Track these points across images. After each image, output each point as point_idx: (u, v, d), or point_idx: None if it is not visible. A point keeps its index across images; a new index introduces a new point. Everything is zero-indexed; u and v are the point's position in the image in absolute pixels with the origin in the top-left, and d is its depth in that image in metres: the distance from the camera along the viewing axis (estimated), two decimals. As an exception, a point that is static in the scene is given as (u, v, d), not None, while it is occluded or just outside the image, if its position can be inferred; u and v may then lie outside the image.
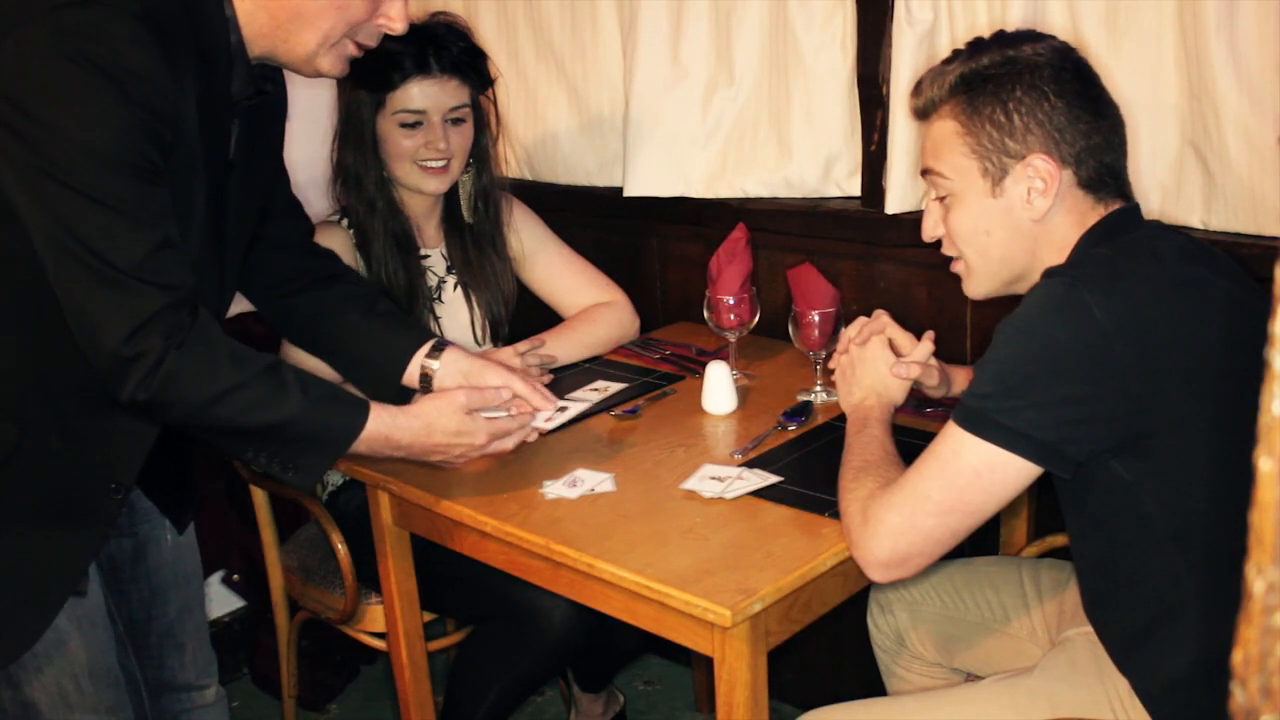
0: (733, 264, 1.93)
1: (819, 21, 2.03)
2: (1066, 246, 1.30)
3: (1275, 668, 0.43)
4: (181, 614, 1.68)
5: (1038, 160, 1.26)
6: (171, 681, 1.69)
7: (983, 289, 1.39)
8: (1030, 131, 1.26)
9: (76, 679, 1.46)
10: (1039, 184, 1.27)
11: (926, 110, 1.35)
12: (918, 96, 1.35)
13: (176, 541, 1.65)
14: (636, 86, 2.22)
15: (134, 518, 1.59)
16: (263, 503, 2.17)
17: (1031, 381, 1.19)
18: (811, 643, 1.86)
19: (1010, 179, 1.28)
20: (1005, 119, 1.27)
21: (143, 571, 1.62)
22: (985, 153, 1.29)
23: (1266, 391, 0.43)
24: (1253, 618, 0.43)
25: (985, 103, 1.28)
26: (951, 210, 1.34)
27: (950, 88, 1.31)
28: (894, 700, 1.54)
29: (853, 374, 1.59)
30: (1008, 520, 1.86)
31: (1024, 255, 1.32)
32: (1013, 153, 1.27)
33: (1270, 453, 0.43)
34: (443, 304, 2.06)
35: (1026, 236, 1.31)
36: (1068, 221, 1.29)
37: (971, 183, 1.31)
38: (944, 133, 1.32)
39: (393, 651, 1.90)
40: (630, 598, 1.41)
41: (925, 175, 1.37)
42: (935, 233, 1.39)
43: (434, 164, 1.94)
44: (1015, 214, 1.29)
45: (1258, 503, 0.43)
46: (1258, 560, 0.43)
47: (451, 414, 1.49)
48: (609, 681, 2.27)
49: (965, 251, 1.36)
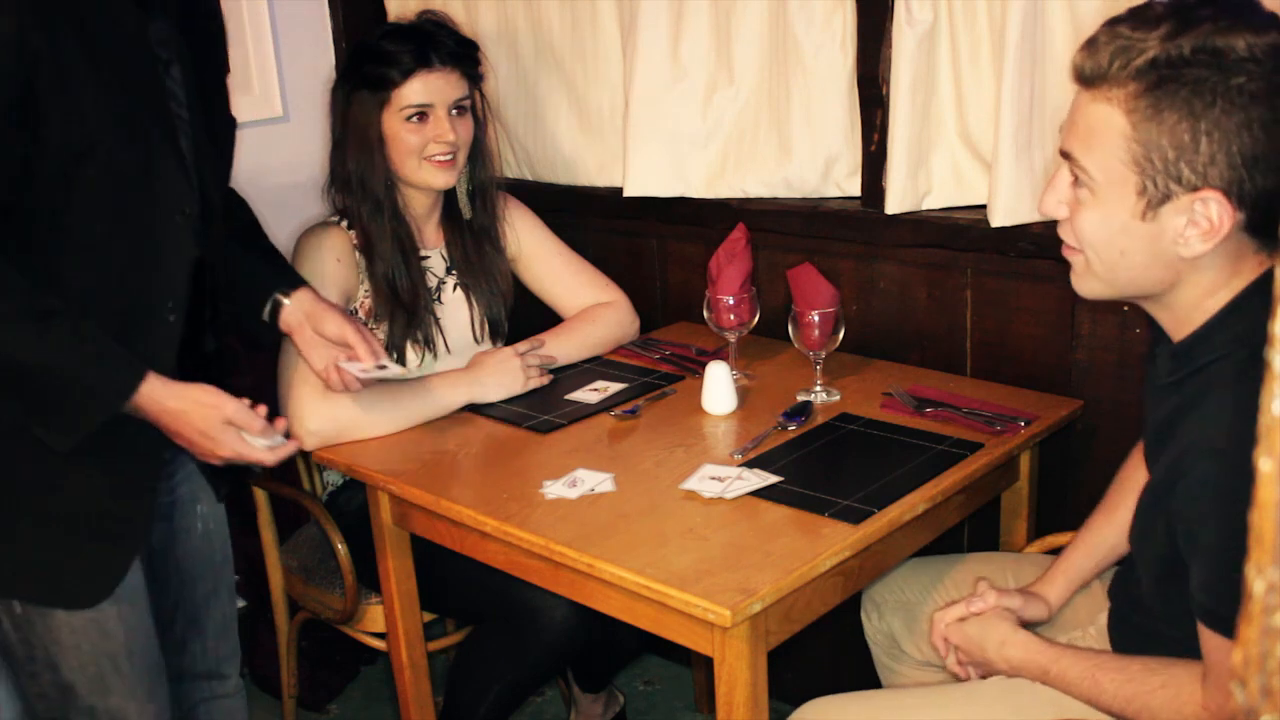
0: (733, 264, 1.93)
1: (819, 21, 2.03)
2: (1215, 289, 1.11)
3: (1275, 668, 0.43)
4: (206, 600, 1.70)
5: (1212, 201, 1.04)
6: (191, 668, 1.71)
7: (1098, 294, 1.19)
8: (1214, 163, 1.03)
9: (115, 660, 1.47)
10: (1204, 224, 1.05)
11: (1092, 80, 1.09)
12: (1089, 56, 1.09)
13: (206, 530, 1.68)
14: (636, 86, 2.22)
15: (175, 505, 1.62)
16: (263, 503, 2.17)
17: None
18: (811, 643, 1.86)
19: (1170, 207, 1.06)
20: (1190, 140, 1.03)
21: (174, 558, 1.65)
22: (1150, 171, 1.06)
23: (1267, 391, 0.43)
24: (1253, 618, 0.43)
25: (1171, 109, 1.03)
26: (1086, 208, 1.12)
27: (1136, 71, 1.05)
28: (893, 693, 1.54)
29: (978, 645, 1.44)
30: (1008, 520, 1.86)
31: (1158, 285, 1.13)
32: (1185, 182, 1.05)
33: (1270, 453, 0.43)
34: (442, 304, 2.06)
35: (1168, 269, 1.11)
36: (1221, 264, 1.10)
37: (1121, 195, 1.09)
38: (1107, 125, 1.08)
39: (393, 651, 1.90)
40: (630, 598, 1.41)
41: (1065, 157, 1.14)
42: (1057, 213, 1.17)
43: (441, 157, 1.95)
44: (1163, 244, 1.09)
45: (1258, 503, 0.43)
46: (1258, 560, 0.43)
47: (208, 416, 1.44)
48: (609, 681, 2.27)
49: (1090, 256, 1.15)
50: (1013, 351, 1.94)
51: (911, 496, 1.51)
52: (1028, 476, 1.82)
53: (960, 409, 1.75)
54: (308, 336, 1.69)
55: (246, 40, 2.55)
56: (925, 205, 1.98)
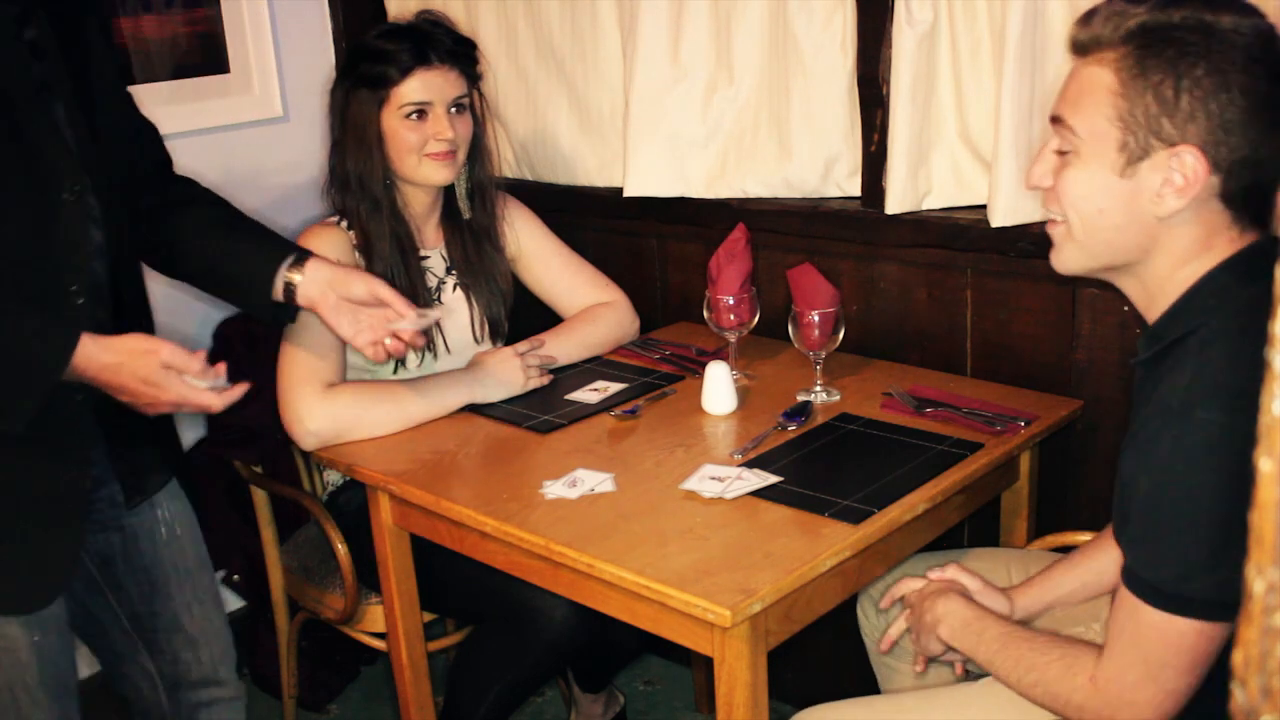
0: (733, 264, 1.93)
1: (819, 21, 2.03)
2: (1186, 265, 1.15)
3: (1275, 668, 0.43)
4: (187, 608, 1.66)
5: (1188, 155, 1.09)
6: (187, 676, 1.69)
7: (1075, 264, 1.22)
8: (1194, 120, 1.08)
9: (28, 688, 1.45)
10: (1178, 180, 1.10)
11: (1087, 47, 1.15)
12: (1084, 28, 1.16)
13: (171, 534, 1.64)
14: (636, 86, 2.22)
15: (118, 512, 1.58)
16: (263, 503, 2.17)
17: (1219, 555, 1.07)
18: (811, 643, 1.86)
19: (1148, 164, 1.11)
20: (1173, 95, 1.08)
21: (138, 566, 1.61)
22: (1133, 125, 1.11)
23: (1266, 391, 0.43)
24: (1253, 618, 0.43)
25: (1157, 68, 1.09)
26: (1068, 168, 1.17)
27: (1126, 33, 1.11)
28: (891, 698, 1.54)
29: (921, 620, 1.49)
30: (1008, 519, 1.86)
31: (1133, 249, 1.17)
32: (1165, 136, 1.09)
33: (1270, 453, 0.43)
34: (442, 304, 2.06)
35: (1143, 231, 1.15)
36: (1195, 233, 1.14)
37: (1103, 151, 1.14)
38: (1095, 83, 1.13)
39: (393, 651, 1.90)
40: (630, 598, 1.41)
41: (1054, 123, 1.20)
42: (1041, 183, 1.22)
43: (441, 153, 1.95)
44: (1139, 202, 1.13)
45: (1258, 503, 0.43)
46: (1258, 560, 0.43)
47: (146, 363, 1.41)
48: (609, 682, 2.27)
49: (1070, 216, 1.19)
50: (1013, 351, 1.94)
51: (911, 496, 1.51)
52: (1028, 476, 1.82)
53: (960, 409, 1.75)
54: (332, 304, 1.64)
55: (246, 40, 2.55)
56: (925, 205, 1.99)
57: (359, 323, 1.67)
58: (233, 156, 2.54)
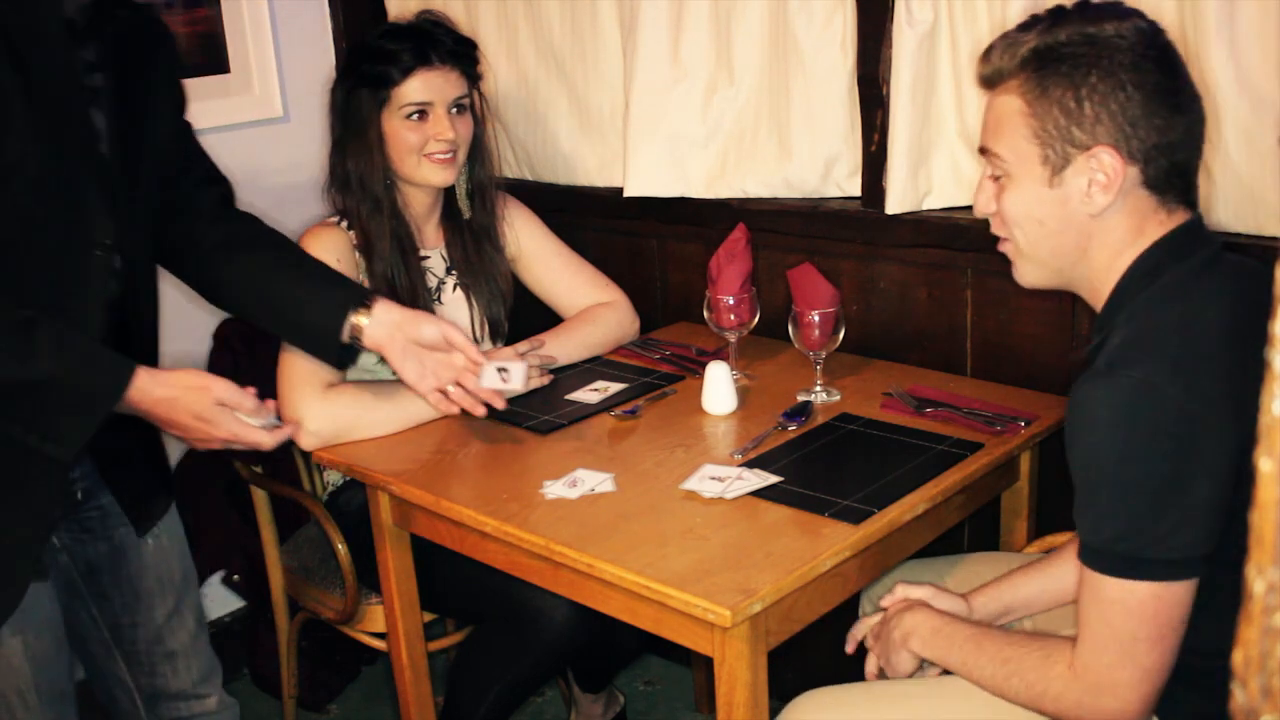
0: (733, 264, 1.93)
1: (819, 21, 2.03)
2: (1122, 253, 1.23)
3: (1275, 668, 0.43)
4: (170, 620, 1.64)
5: (1104, 154, 1.18)
6: (165, 689, 1.67)
7: (1031, 277, 1.32)
8: (1100, 122, 1.18)
9: (22, 694, 1.45)
10: (1101, 178, 1.19)
11: (993, 80, 1.26)
12: (986, 63, 1.27)
13: (159, 546, 1.62)
14: (636, 86, 2.22)
15: (107, 521, 1.57)
16: (263, 503, 2.17)
17: (1156, 508, 1.12)
18: (811, 642, 1.85)
19: (1071, 170, 1.21)
20: (1075, 105, 1.18)
21: (123, 576, 1.60)
22: (1049, 139, 1.21)
23: (1266, 391, 0.43)
24: (1253, 618, 0.43)
25: (1056, 84, 1.19)
26: (1005, 191, 1.27)
27: (1021, 61, 1.22)
28: (893, 683, 1.54)
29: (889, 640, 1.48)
30: (1008, 519, 1.86)
31: (1075, 251, 1.26)
32: (1078, 142, 1.19)
33: (1270, 453, 0.43)
34: (442, 305, 2.06)
35: (1081, 232, 1.24)
36: (1126, 223, 1.22)
37: (1030, 169, 1.23)
38: (1008, 110, 1.24)
39: (393, 651, 1.90)
40: (630, 598, 1.41)
41: (982, 153, 1.30)
42: (986, 210, 1.32)
43: (441, 155, 1.95)
44: (1071, 206, 1.22)
45: (1258, 503, 0.43)
46: (1258, 560, 0.43)
47: (200, 399, 1.43)
48: (609, 682, 2.27)
49: (1015, 235, 1.29)
50: (1013, 351, 1.94)
51: (911, 496, 1.51)
52: (1028, 476, 1.82)
53: (960, 409, 1.75)
54: (400, 347, 1.65)
55: (246, 40, 2.55)
56: (925, 205, 1.98)
57: (424, 367, 1.67)
58: (233, 156, 2.52)
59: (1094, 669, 1.20)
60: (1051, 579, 1.52)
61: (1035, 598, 1.53)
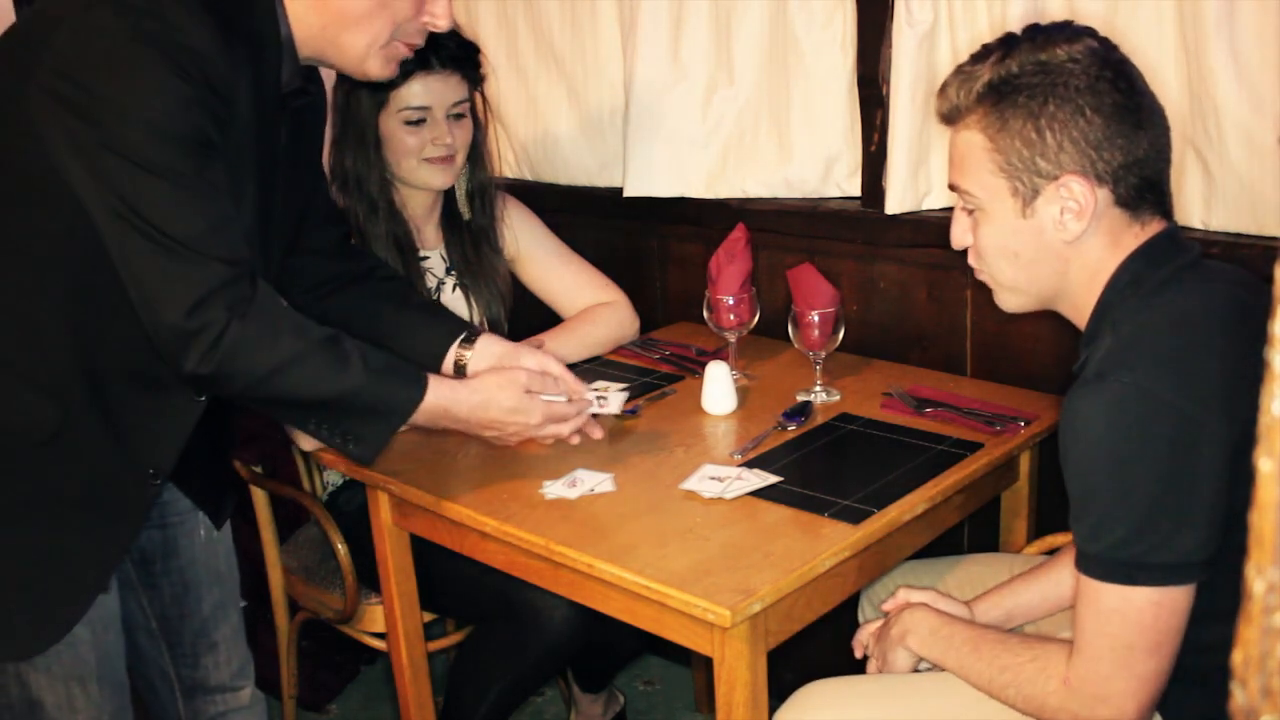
0: (733, 264, 1.93)
1: (819, 21, 2.03)
2: (1101, 270, 1.23)
3: (1275, 668, 0.43)
4: (215, 612, 1.68)
5: (1073, 183, 1.18)
6: (205, 682, 1.69)
7: (1013, 304, 1.32)
8: (1063, 150, 1.17)
9: (84, 682, 1.45)
10: (1073, 205, 1.19)
11: (951, 117, 1.27)
12: (944, 99, 1.27)
13: (210, 538, 1.65)
14: (636, 86, 2.22)
15: (164, 511, 1.59)
16: (263, 503, 2.17)
17: (1155, 511, 1.11)
18: (811, 642, 1.85)
19: (1042, 199, 1.20)
20: (1036, 136, 1.18)
21: (175, 566, 1.62)
22: (1015, 172, 1.21)
23: (1266, 392, 0.43)
24: (1253, 618, 0.43)
25: (1015, 116, 1.19)
26: (980, 226, 1.27)
27: (978, 96, 1.22)
28: (900, 676, 1.54)
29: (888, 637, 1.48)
30: (1008, 520, 1.86)
31: (1054, 276, 1.26)
32: (1044, 173, 1.19)
33: (1270, 453, 0.43)
34: (442, 305, 2.06)
35: (1058, 258, 1.24)
36: (1102, 243, 1.22)
37: (1001, 202, 1.23)
38: (971, 146, 1.24)
39: (393, 651, 1.90)
40: (630, 598, 1.41)
41: (952, 189, 1.31)
42: (964, 242, 1.32)
43: (439, 157, 1.95)
44: (1047, 236, 1.22)
45: (1258, 503, 0.43)
46: (1258, 560, 0.43)
47: (510, 391, 1.50)
48: (609, 682, 2.27)
49: (991, 266, 1.30)
50: (1013, 351, 1.94)
51: (911, 496, 1.51)
52: (1028, 476, 1.82)
53: (960, 409, 1.75)
54: None
55: (247, 40, 2.55)
56: (925, 205, 1.99)
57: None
58: (233, 156, 2.54)
59: (1090, 680, 1.19)
60: (1053, 584, 1.52)
61: (1037, 604, 1.52)
